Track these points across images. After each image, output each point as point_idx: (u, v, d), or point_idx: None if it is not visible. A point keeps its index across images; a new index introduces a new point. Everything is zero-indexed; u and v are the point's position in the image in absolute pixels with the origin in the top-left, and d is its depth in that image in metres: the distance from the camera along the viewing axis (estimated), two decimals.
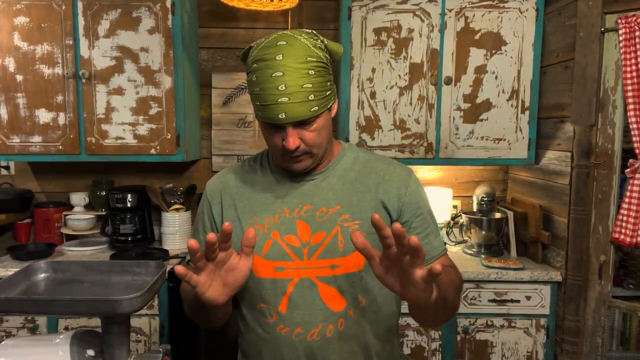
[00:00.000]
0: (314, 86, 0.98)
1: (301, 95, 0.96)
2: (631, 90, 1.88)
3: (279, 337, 1.06)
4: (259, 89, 0.98)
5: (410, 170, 1.17)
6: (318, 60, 0.99)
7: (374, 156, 1.19)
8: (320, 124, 1.03)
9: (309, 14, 2.62)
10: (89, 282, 0.93)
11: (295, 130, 1.01)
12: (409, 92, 2.31)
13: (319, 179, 1.12)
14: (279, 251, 1.07)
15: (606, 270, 2.01)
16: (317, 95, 0.99)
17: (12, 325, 2.12)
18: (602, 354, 2.04)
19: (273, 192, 1.13)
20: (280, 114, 0.97)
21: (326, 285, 1.06)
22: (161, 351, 0.85)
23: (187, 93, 2.36)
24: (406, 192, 1.11)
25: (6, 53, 2.23)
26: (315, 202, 1.09)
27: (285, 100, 0.96)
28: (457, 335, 2.16)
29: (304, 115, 0.98)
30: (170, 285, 2.11)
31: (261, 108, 1.00)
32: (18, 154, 2.29)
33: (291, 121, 0.98)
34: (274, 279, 1.06)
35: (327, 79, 1.02)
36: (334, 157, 1.15)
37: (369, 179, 1.12)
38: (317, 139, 1.04)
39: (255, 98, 1.01)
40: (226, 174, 1.21)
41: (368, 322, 1.09)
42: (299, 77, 0.96)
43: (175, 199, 2.53)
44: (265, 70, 0.97)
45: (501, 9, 2.26)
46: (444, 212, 2.55)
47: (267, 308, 1.07)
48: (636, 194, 1.90)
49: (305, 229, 1.07)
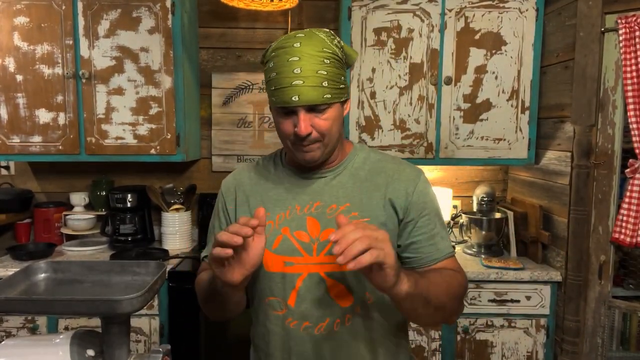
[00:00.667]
0: (328, 74, 1.01)
1: (316, 80, 1.00)
2: (631, 90, 1.88)
3: (288, 330, 1.09)
4: (275, 74, 1.02)
5: (420, 171, 1.17)
6: (333, 53, 1.03)
7: (384, 156, 1.20)
8: (332, 114, 1.05)
9: (309, 14, 2.62)
10: (89, 282, 0.93)
11: (308, 116, 1.03)
12: (409, 92, 2.31)
13: (330, 177, 1.14)
14: (288, 246, 1.09)
15: (606, 270, 2.01)
16: (330, 84, 1.02)
17: (12, 325, 2.12)
18: (602, 354, 2.04)
19: (285, 189, 1.15)
20: (293, 96, 1.00)
21: (334, 280, 1.07)
22: (161, 351, 0.86)
23: (187, 93, 2.36)
24: (414, 191, 1.12)
25: (6, 53, 2.23)
26: (325, 199, 1.11)
27: (300, 83, 0.99)
28: (457, 335, 2.16)
29: (317, 99, 1.01)
30: (170, 285, 2.11)
31: (275, 93, 1.02)
32: (18, 154, 2.29)
33: (304, 104, 1.01)
34: (284, 273, 1.09)
35: (341, 73, 1.05)
36: (345, 156, 1.17)
37: (379, 178, 1.14)
38: (329, 128, 1.05)
39: (271, 84, 1.03)
40: (241, 172, 1.24)
41: (375, 319, 1.11)
42: (314, 63, 1.00)
43: (175, 199, 2.53)
44: (282, 56, 1.01)
45: (501, 9, 2.26)
46: (444, 212, 2.55)
47: (277, 301, 1.10)
48: (636, 194, 1.90)
49: (315, 225, 1.10)
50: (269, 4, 2.21)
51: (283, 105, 1.03)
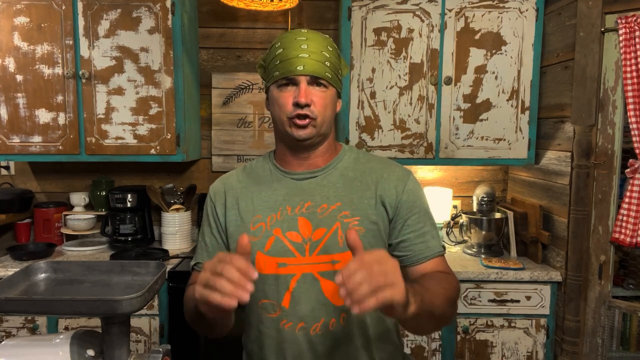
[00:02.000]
0: (330, 58, 1.09)
1: (320, 56, 1.07)
2: (631, 90, 1.88)
3: (282, 332, 1.08)
4: (282, 50, 1.08)
5: (409, 171, 1.19)
6: (334, 49, 1.12)
7: (374, 157, 1.22)
8: (329, 96, 1.10)
9: (309, 14, 2.62)
10: (89, 282, 0.93)
11: (309, 89, 1.07)
12: (409, 92, 2.31)
13: (320, 177, 1.15)
14: (281, 247, 1.09)
15: (606, 270, 2.01)
16: (331, 67, 1.09)
17: (12, 325, 2.12)
18: (602, 354, 2.04)
19: (275, 190, 1.15)
20: (299, 66, 1.05)
21: (328, 280, 1.07)
22: (161, 351, 0.86)
23: (187, 93, 2.36)
24: (404, 190, 1.13)
25: (6, 53, 2.23)
26: (316, 199, 1.12)
27: (306, 55, 1.06)
28: (457, 335, 2.16)
29: (320, 72, 1.06)
30: (170, 285, 2.11)
31: (280, 65, 1.07)
32: (18, 154, 2.29)
33: (308, 74, 1.06)
34: (277, 274, 1.08)
35: (338, 67, 1.13)
36: (335, 155, 1.18)
37: (369, 178, 1.15)
38: (324, 107, 1.09)
39: (277, 58, 1.08)
40: (229, 176, 1.24)
41: (370, 317, 1.11)
42: (320, 46, 1.08)
43: (175, 199, 2.53)
44: (290, 36, 1.09)
45: (501, 9, 2.26)
46: (444, 212, 2.55)
47: (271, 304, 1.09)
48: (636, 194, 1.90)
49: (307, 225, 1.10)
50: (269, 4, 2.21)
51: (287, 75, 1.06)
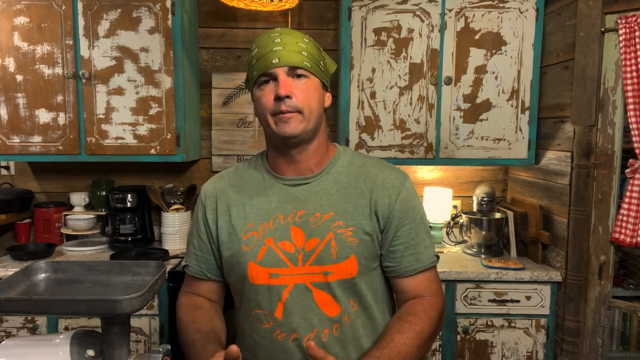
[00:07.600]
0: (307, 48, 1.06)
1: (295, 47, 1.05)
2: (631, 90, 1.88)
3: (276, 343, 1.07)
4: (257, 49, 1.07)
5: (405, 176, 1.15)
6: (311, 42, 1.09)
7: (369, 160, 1.18)
8: (311, 85, 1.07)
9: (309, 14, 2.62)
10: (89, 282, 0.92)
11: (288, 80, 1.04)
12: (409, 92, 2.31)
13: (313, 184, 1.12)
14: (273, 257, 1.07)
15: (606, 270, 2.01)
16: (309, 57, 1.06)
17: (12, 325, 2.12)
18: (602, 354, 2.04)
19: (267, 197, 1.12)
20: (274, 59, 1.03)
21: (320, 291, 1.06)
22: (161, 351, 0.85)
23: (187, 93, 2.36)
24: (397, 199, 1.10)
25: (6, 53, 2.23)
26: (309, 207, 1.09)
27: (280, 48, 1.04)
28: (457, 335, 2.16)
29: (297, 61, 1.04)
30: (170, 285, 2.11)
31: (257, 65, 1.06)
32: (18, 154, 2.29)
33: (284, 65, 1.03)
34: (269, 285, 1.07)
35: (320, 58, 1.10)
36: (328, 160, 1.15)
37: (363, 185, 1.11)
38: (307, 98, 1.06)
39: (253, 59, 1.07)
40: (221, 179, 1.21)
41: (363, 327, 1.09)
42: (294, 39, 1.06)
43: (175, 199, 2.53)
44: (263, 36, 1.08)
45: (501, 9, 2.26)
46: (444, 212, 2.55)
47: (263, 314, 1.08)
48: (636, 194, 1.90)
49: (300, 234, 1.07)
50: (269, 4, 2.21)
51: (264, 71, 1.04)
